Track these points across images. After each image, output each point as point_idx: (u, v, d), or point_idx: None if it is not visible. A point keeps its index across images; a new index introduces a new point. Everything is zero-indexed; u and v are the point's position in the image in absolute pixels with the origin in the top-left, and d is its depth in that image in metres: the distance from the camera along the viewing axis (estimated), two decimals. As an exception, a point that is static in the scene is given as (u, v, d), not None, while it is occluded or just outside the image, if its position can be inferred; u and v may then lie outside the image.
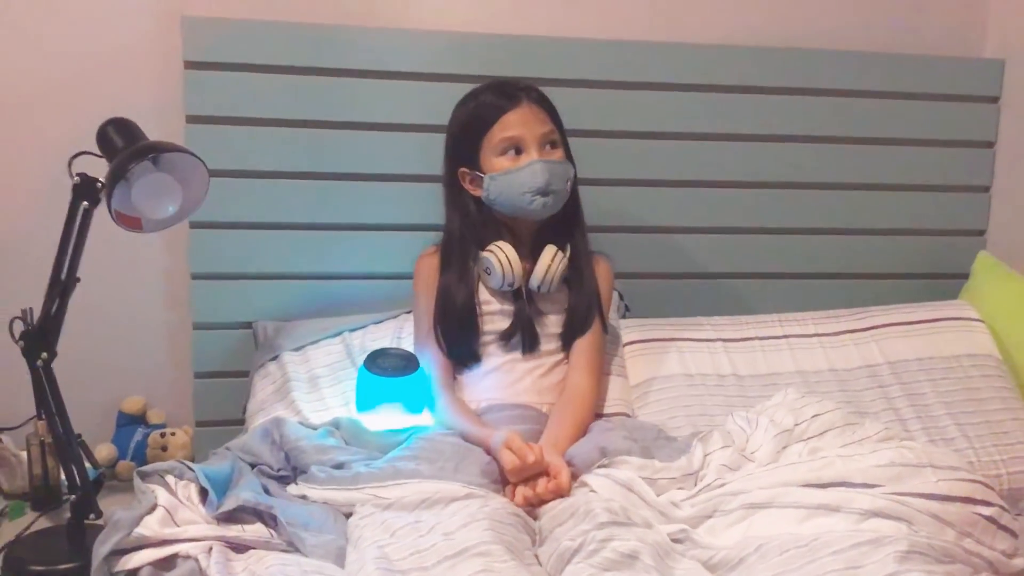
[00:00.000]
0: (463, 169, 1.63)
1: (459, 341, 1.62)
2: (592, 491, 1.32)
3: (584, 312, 1.65)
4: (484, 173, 1.60)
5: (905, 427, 1.67)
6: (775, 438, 1.41)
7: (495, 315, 1.64)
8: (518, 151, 1.58)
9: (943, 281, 2.11)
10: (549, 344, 1.64)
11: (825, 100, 2.04)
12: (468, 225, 1.63)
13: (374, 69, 1.86)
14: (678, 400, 1.73)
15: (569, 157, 1.64)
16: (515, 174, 1.57)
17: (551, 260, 1.61)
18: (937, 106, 2.08)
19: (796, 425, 1.43)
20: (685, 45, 1.98)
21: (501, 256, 1.59)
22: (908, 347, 1.82)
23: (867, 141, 2.07)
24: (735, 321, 1.89)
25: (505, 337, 1.62)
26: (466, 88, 1.66)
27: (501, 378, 1.61)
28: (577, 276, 1.65)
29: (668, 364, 1.78)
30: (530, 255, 1.63)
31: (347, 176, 1.89)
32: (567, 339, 1.65)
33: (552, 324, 1.65)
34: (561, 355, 1.65)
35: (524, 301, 1.63)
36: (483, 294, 1.64)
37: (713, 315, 1.90)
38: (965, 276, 2.05)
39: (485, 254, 1.60)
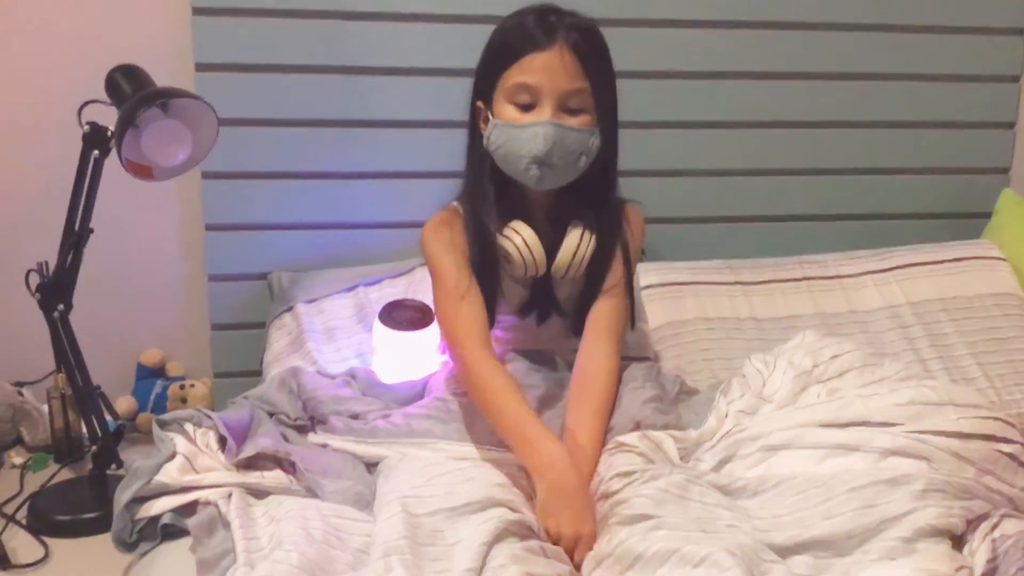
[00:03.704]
0: (479, 103, 1.40)
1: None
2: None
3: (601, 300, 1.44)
4: (493, 115, 1.36)
5: (926, 367, 1.66)
6: (793, 380, 1.38)
7: (510, 284, 1.46)
8: (531, 104, 1.33)
9: (966, 220, 2.07)
10: (564, 324, 1.49)
11: (845, 35, 1.98)
12: (480, 189, 1.40)
13: (388, 11, 1.82)
14: (697, 344, 1.72)
15: (607, 122, 1.37)
16: (515, 131, 1.32)
17: (576, 247, 1.39)
18: (960, 39, 2.02)
19: (815, 367, 1.40)
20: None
21: (520, 243, 1.38)
22: (930, 287, 1.80)
23: (887, 77, 2.02)
24: (753, 264, 1.87)
25: (519, 312, 1.47)
26: (484, 33, 1.46)
27: (513, 335, 1.51)
28: (602, 256, 1.43)
29: (686, 308, 1.77)
30: (551, 230, 1.41)
31: (361, 123, 1.86)
32: (576, 329, 1.46)
33: (568, 306, 1.47)
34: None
35: (542, 285, 1.44)
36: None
37: (731, 258, 1.88)
38: (988, 215, 2.02)
39: (501, 239, 1.39)
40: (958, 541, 1.08)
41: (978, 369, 1.67)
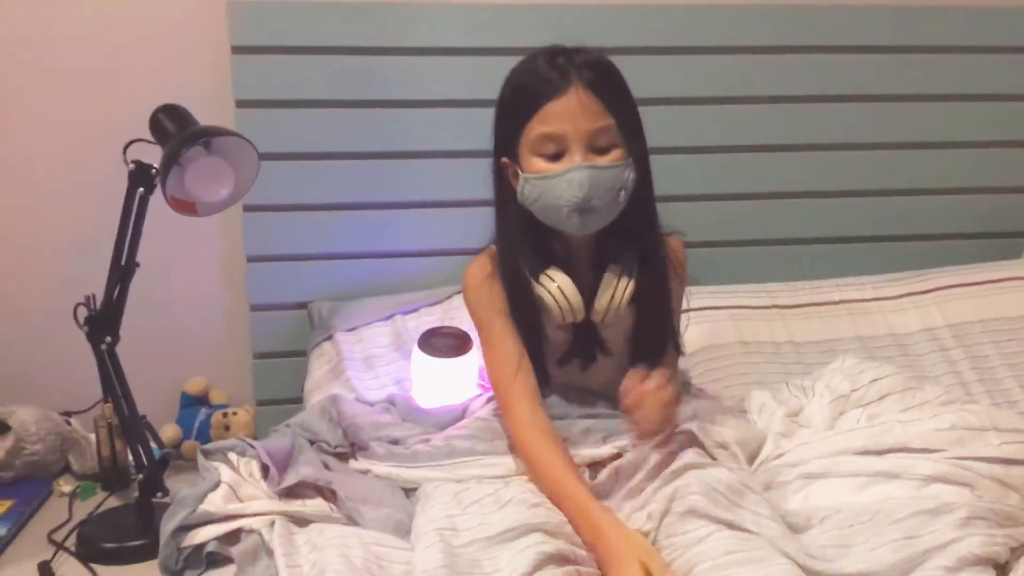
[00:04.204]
0: (504, 160, 1.35)
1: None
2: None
3: (652, 338, 1.42)
4: (522, 170, 1.32)
5: (968, 391, 1.64)
6: (830, 404, 1.37)
7: (553, 330, 1.42)
8: (559, 153, 1.28)
9: (1005, 240, 2.05)
10: (611, 363, 1.44)
11: (882, 57, 1.98)
12: (513, 240, 1.36)
13: (423, 46, 1.85)
14: (734, 368, 1.72)
15: (637, 151, 1.33)
16: (550, 182, 1.28)
17: (614, 289, 1.35)
18: (997, 59, 2.01)
19: (853, 391, 1.39)
20: (741, 6, 1.92)
21: (555, 291, 1.34)
22: (970, 309, 1.79)
23: (924, 98, 2.01)
24: (790, 287, 1.86)
25: (559, 363, 1.43)
26: (513, 65, 1.46)
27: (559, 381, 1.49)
28: (647, 295, 1.38)
29: (723, 332, 1.77)
30: (591, 272, 1.37)
31: (397, 155, 1.90)
32: (633, 363, 1.40)
33: (615, 346, 1.42)
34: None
35: (585, 332, 1.40)
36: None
37: (768, 282, 1.88)
38: (1029, 235, 2.00)
39: (537, 288, 1.35)
40: (1002, 570, 1.07)
41: (1021, 392, 1.65)
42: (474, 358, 1.59)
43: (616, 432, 1.35)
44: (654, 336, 1.42)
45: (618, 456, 1.31)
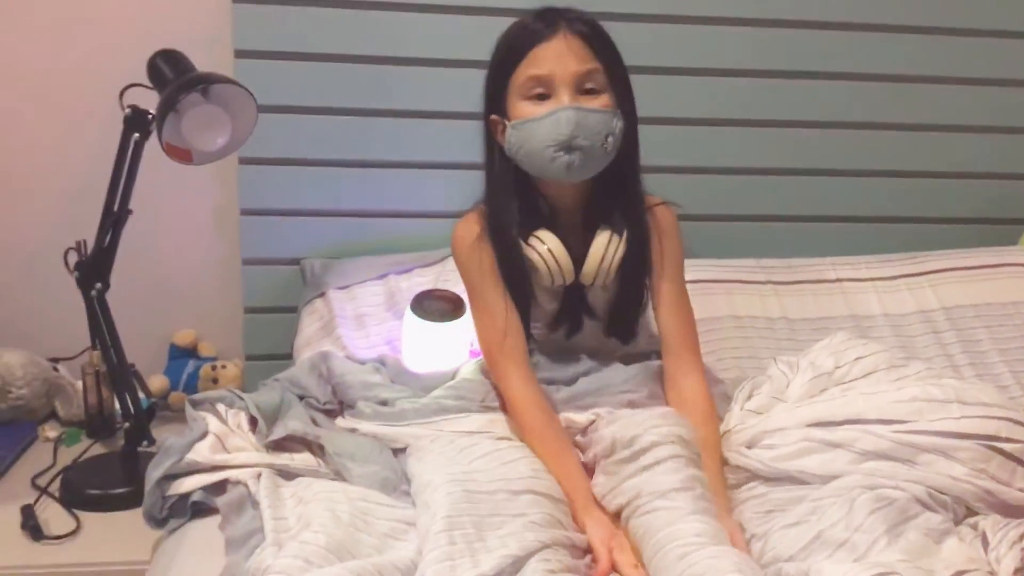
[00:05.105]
0: (494, 116, 1.34)
1: None
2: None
3: (631, 304, 1.42)
4: (509, 120, 1.31)
5: (959, 373, 1.64)
6: (811, 381, 1.36)
7: (541, 293, 1.43)
8: (546, 94, 1.28)
9: (1002, 227, 2.04)
10: (597, 328, 1.45)
11: (882, 36, 1.95)
12: (502, 199, 1.35)
13: (425, 3, 1.83)
14: (727, 343, 1.71)
15: (625, 106, 1.32)
16: (537, 123, 1.27)
17: (604, 251, 1.35)
18: (999, 43, 1.99)
19: (836, 368, 1.37)
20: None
21: (545, 253, 1.34)
22: (964, 293, 1.79)
23: (925, 79, 1.99)
24: (786, 264, 1.86)
25: (548, 327, 1.44)
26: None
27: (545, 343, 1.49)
28: (631, 260, 1.37)
29: (717, 306, 1.76)
30: (581, 235, 1.37)
31: (398, 113, 1.87)
32: (610, 334, 1.45)
33: (601, 311, 1.44)
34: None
35: (574, 293, 1.40)
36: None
37: (764, 258, 1.87)
38: (1025, 222, 2.00)
39: (527, 250, 1.35)
40: (984, 543, 1.07)
41: (1011, 376, 1.65)
42: (466, 323, 1.58)
43: (597, 396, 1.36)
44: (632, 303, 1.42)
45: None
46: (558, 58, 1.26)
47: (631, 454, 1.17)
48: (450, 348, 1.57)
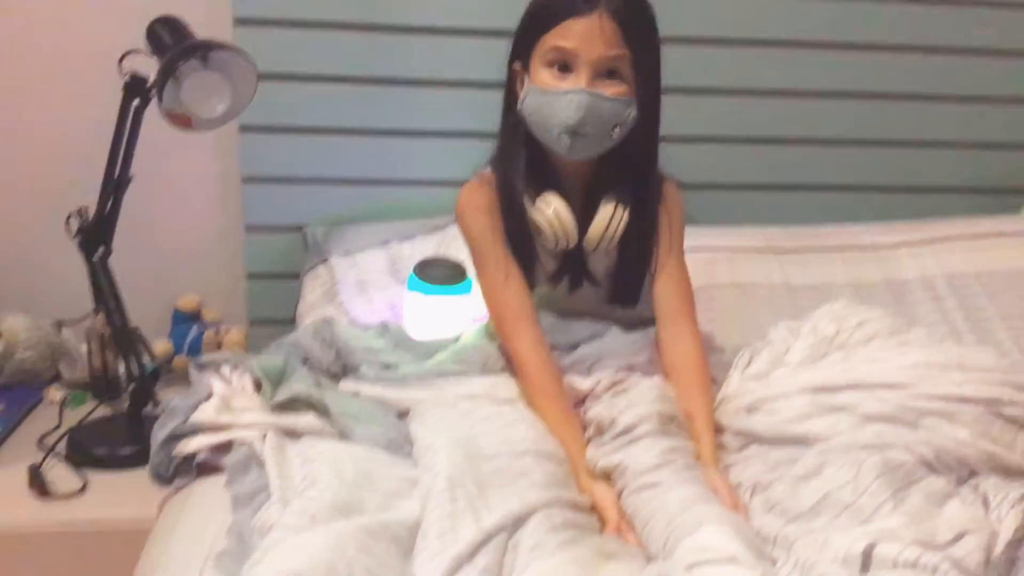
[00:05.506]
0: (516, 64, 1.36)
1: None
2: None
3: (633, 276, 1.42)
4: (530, 80, 1.32)
5: (960, 340, 1.64)
6: (812, 346, 1.36)
7: (543, 254, 1.43)
8: (566, 68, 1.28)
9: (1007, 196, 2.05)
10: (597, 292, 1.46)
11: (891, 6, 1.95)
12: (514, 158, 1.36)
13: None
14: (728, 310, 1.71)
15: (648, 92, 1.31)
16: (550, 98, 1.28)
17: (608, 220, 1.35)
18: (1007, 13, 1.98)
19: (837, 333, 1.37)
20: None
21: (551, 215, 1.34)
22: (967, 260, 1.78)
23: (932, 49, 1.98)
24: (788, 231, 1.86)
25: (550, 280, 1.44)
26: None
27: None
28: (635, 232, 1.38)
29: (719, 273, 1.76)
30: (585, 201, 1.37)
31: (399, 81, 1.87)
32: (612, 300, 1.46)
33: (600, 278, 1.44)
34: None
35: (574, 257, 1.41)
36: None
37: (766, 226, 1.87)
38: (1029, 190, 2.00)
39: (532, 211, 1.36)
40: (985, 504, 1.08)
41: (1013, 344, 1.65)
42: (468, 289, 1.58)
43: (598, 361, 1.36)
44: (635, 274, 1.43)
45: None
46: (587, 37, 1.25)
47: (612, 436, 1.19)
48: (452, 315, 1.58)
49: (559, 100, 1.27)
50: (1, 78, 1.84)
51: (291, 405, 1.31)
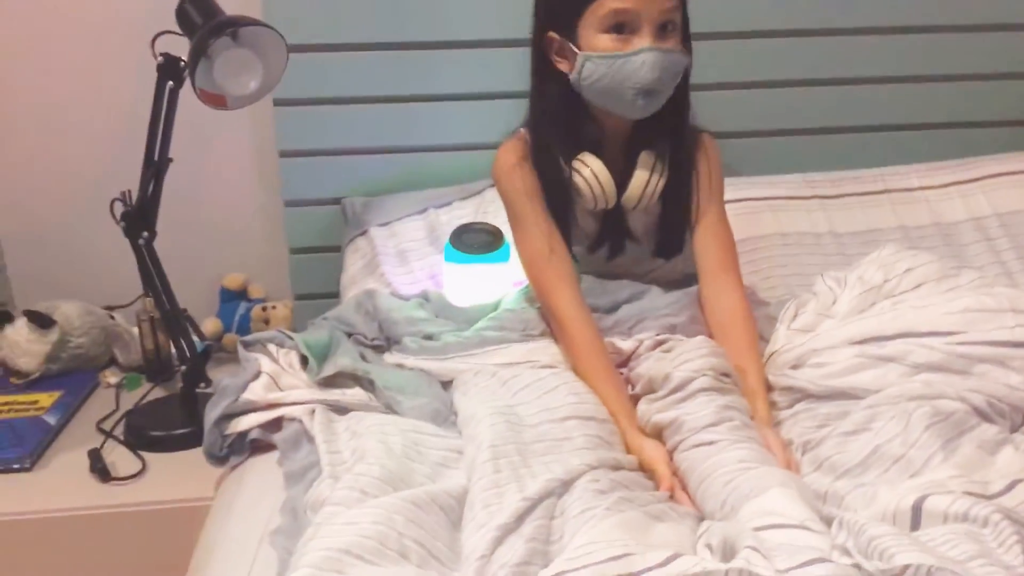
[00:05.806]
0: (552, 34, 1.33)
1: None
2: None
3: (676, 230, 1.42)
4: (579, 48, 1.30)
5: (1012, 281, 1.60)
6: (859, 296, 1.33)
7: (583, 215, 1.43)
8: (625, 29, 1.26)
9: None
10: (637, 251, 1.45)
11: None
12: (551, 121, 1.35)
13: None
14: (773, 260, 1.69)
15: (688, 41, 1.33)
16: (621, 61, 1.25)
17: (648, 177, 1.35)
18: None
19: (885, 281, 1.34)
20: None
21: (589, 176, 1.34)
22: (1018, 197, 1.73)
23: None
24: (831, 177, 1.82)
25: (589, 248, 1.44)
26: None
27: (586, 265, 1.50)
28: (676, 186, 1.38)
29: (763, 223, 1.73)
30: (623, 159, 1.36)
31: (431, 45, 1.85)
32: (658, 253, 1.45)
33: (642, 235, 1.43)
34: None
35: (614, 217, 1.40)
36: None
37: (809, 172, 1.83)
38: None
39: (571, 172, 1.35)
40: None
41: (1068, 282, 1.61)
42: (507, 255, 1.58)
43: (639, 322, 1.36)
44: (677, 228, 1.41)
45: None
46: None
47: (666, 392, 1.17)
48: (490, 280, 1.58)
49: (630, 63, 1.25)
50: (34, 63, 1.86)
51: (337, 380, 1.33)
